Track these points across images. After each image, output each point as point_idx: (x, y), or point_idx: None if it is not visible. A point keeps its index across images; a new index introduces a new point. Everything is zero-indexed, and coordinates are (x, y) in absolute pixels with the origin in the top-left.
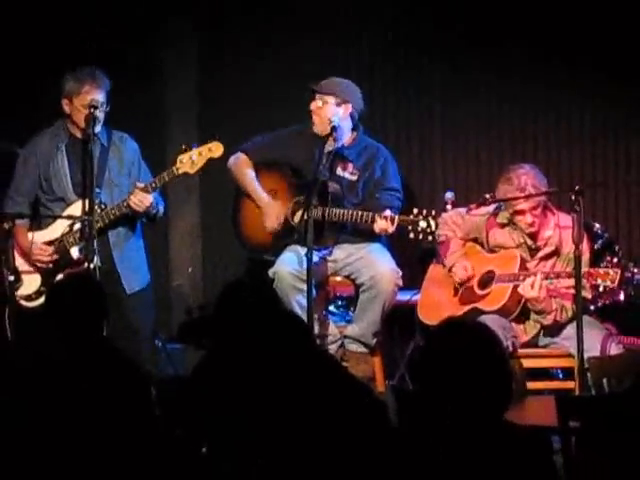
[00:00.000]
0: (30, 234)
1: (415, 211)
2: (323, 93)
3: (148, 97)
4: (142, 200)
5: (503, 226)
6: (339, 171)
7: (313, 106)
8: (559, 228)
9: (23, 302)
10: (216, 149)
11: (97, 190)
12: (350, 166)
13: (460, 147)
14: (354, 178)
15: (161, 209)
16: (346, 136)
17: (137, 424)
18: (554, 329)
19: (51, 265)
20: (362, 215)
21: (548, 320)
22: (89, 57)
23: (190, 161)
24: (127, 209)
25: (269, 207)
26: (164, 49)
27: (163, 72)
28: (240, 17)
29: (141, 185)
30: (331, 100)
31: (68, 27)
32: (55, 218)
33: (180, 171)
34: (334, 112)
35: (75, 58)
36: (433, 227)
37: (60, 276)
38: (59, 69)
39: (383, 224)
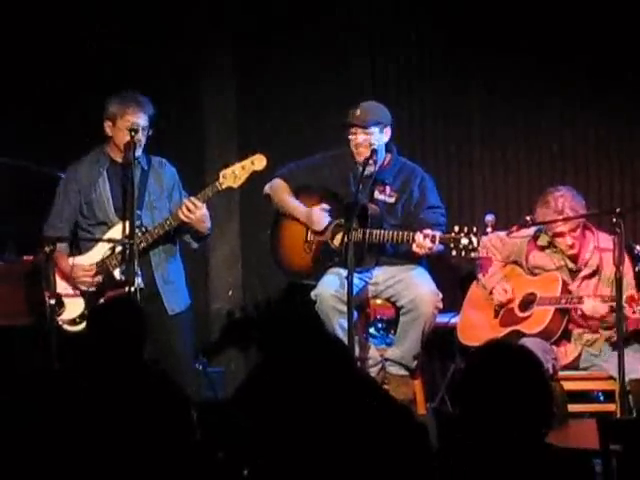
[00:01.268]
0: (71, 259)
1: (456, 228)
2: (368, 127)
3: (188, 124)
4: (192, 210)
5: (543, 249)
6: (377, 194)
7: (361, 140)
8: (599, 250)
9: (67, 326)
10: (259, 162)
11: (138, 212)
12: (387, 189)
13: (500, 169)
14: (392, 200)
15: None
16: (383, 157)
17: (177, 447)
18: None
19: (94, 287)
20: (403, 235)
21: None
22: (131, 83)
23: (233, 175)
24: (170, 226)
25: (311, 213)
26: (204, 76)
27: (203, 100)
28: (278, 42)
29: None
30: (376, 129)
31: (111, 55)
32: (96, 241)
33: (224, 186)
34: (380, 139)
35: (118, 84)
36: (475, 244)
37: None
38: (100, 93)
39: (421, 241)
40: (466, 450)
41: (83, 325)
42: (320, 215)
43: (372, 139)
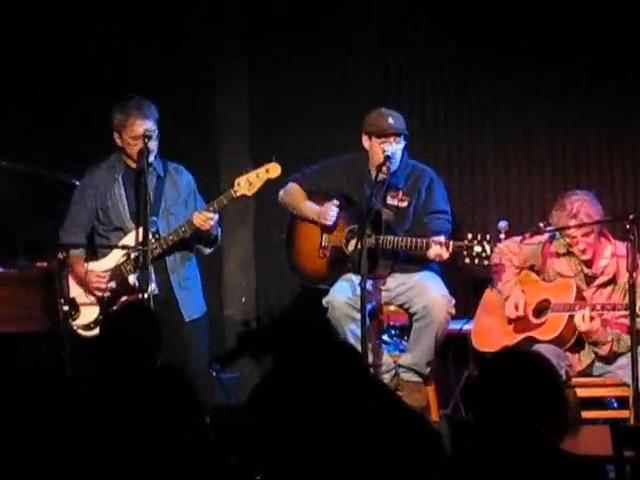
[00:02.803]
0: (87, 264)
1: (470, 236)
2: (403, 134)
3: (201, 128)
4: (206, 219)
5: (560, 255)
6: (390, 200)
7: (394, 149)
8: (616, 257)
9: (81, 331)
10: (273, 170)
11: (154, 219)
12: (400, 193)
13: (513, 174)
14: (404, 205)
15: (220, 234)
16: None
17: (191, 452)
18: (610, 358)
19: (109, 293)
20: (416, 242)
21: (604, 350)
22: (144, 87)
23: (248, 183)
24: (185, 233)
25: (321, 209)
26: (216, 81)
27: (215, 103)
28: (290, 44)
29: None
30: (403, 137)
31: (124, 64)
32: (110, 248)
33: (238, 194)
34: (402, 147)
35: (119, 84)
36: (488, 251)
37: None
38: (101, 93)
39: (438, 250)
40: (480, 456)
41: (97, 330)
42: (330, 209)
43: (400, 148)
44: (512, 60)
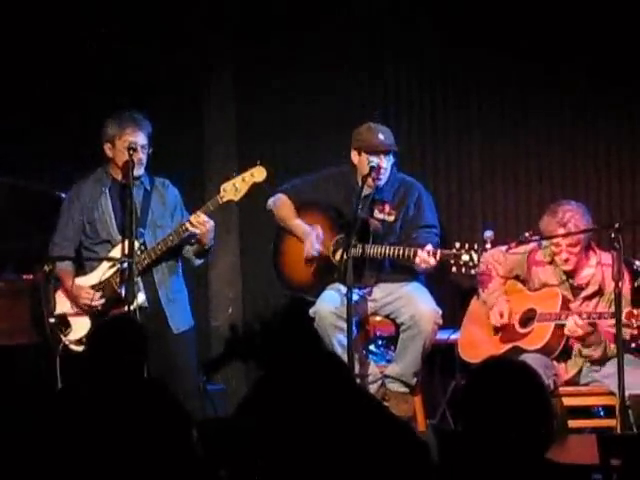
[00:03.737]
0: (76, 279)
1: (457, 245)
2: (394, 150)
3: (187, 139)
4: (203, 222)
5: (545, 264)
6: (376, 213)
7: (385, 165)
8: (601, 265)
9: (73, 347)
10: (258, 174)
11: (141, 231)
12: (387, 207)
13: (499, 184)
14: (391, 219)
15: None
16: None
17: (178, 465)
18: (602, 361)
19: (98, 307)
20: (404, 250)
21: (598, 353)
22: (132, 99)
23: (234, 188)
24: (173, 242)
25: (308, 233)
26: (203, 89)
27: (202, 108)
28: (277, 52)
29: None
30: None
31: (111, 55)
32: (97, 261)
33: (224, 199)
34: (392, 162)
35: (116, 101)
36: (475, 260)
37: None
38: (99, 111)
39: (425, 256)
40: (467, 466)
41: None
42: (313, 243)
43: (390, 164)
44: (499, 69)
